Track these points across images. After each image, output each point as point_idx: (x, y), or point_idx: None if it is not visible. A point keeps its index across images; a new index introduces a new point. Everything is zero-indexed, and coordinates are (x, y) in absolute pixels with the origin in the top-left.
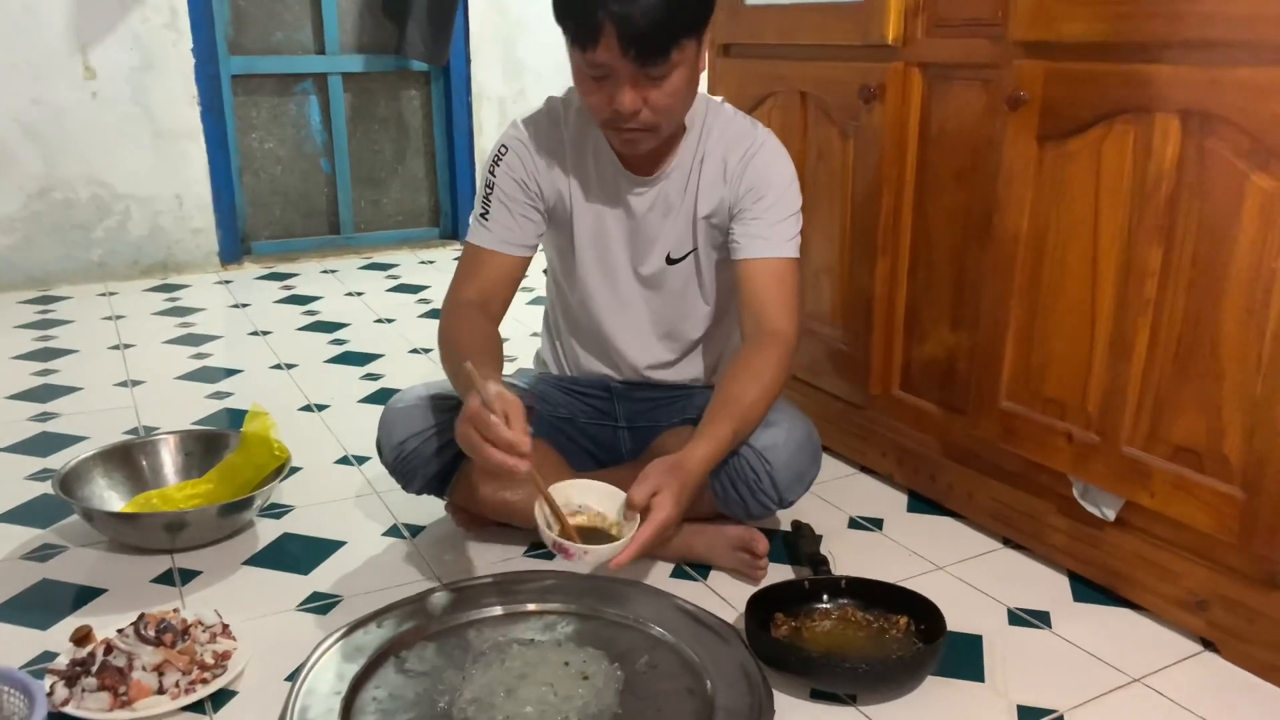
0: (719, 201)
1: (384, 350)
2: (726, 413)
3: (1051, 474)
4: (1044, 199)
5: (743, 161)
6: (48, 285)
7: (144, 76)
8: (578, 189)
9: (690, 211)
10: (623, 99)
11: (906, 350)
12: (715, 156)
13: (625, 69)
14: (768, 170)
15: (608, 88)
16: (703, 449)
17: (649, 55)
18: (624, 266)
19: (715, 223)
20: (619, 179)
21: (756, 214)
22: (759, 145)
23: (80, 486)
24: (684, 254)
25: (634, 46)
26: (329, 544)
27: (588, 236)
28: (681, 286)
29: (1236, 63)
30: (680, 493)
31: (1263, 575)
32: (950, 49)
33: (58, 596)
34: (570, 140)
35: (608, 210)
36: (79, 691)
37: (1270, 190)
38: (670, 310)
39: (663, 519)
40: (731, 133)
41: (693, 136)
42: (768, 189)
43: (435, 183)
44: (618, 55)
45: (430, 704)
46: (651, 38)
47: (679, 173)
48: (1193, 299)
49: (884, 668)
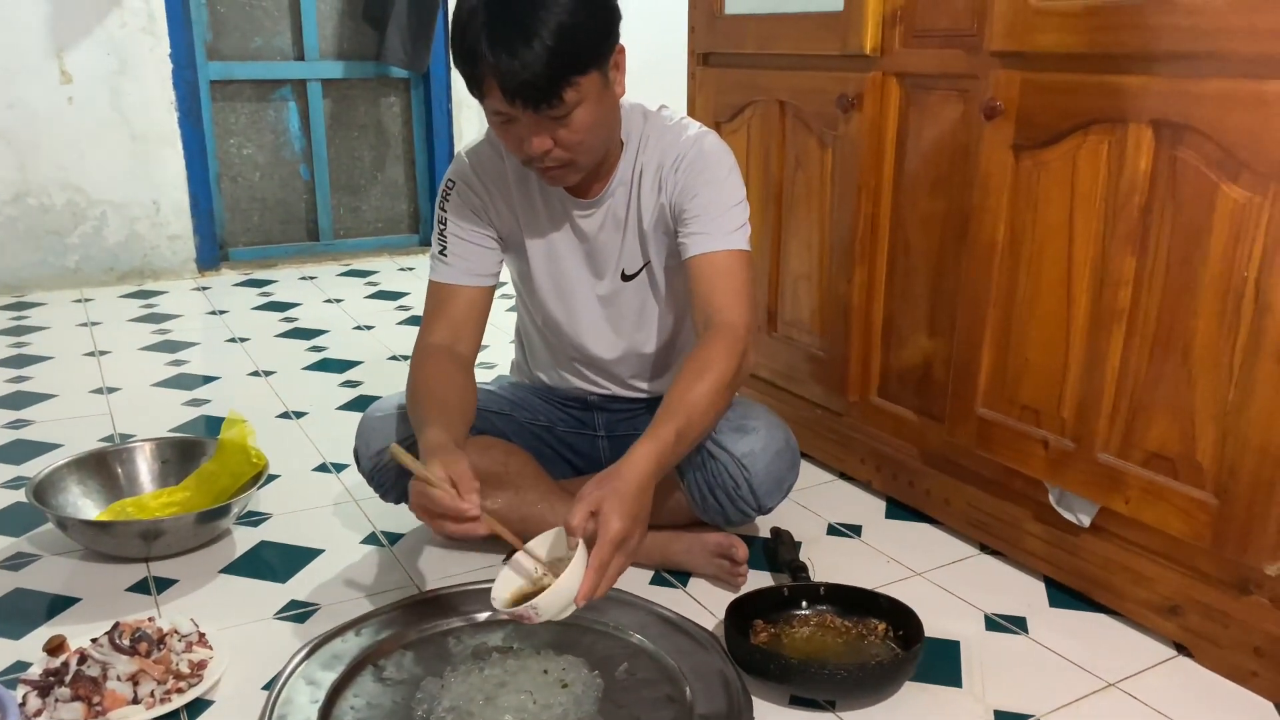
0: (659, 210)
1: (362, 357)
2: (669, 411)
3: (1028, 480)
4: (1020, 208)
5: (674, 165)
6: (22, 291)
7: (121, 81)
8: (527, 217)
9: (636, 225)
10: (530, 143)
11: (884, 357)
12: (652, 166)
13: (523, 115)
14: (700, 167)
15: (514, 131)
16: (642, 449)
17: (538, 102)
18: (582, 288)
19: (662, 232)
20: (565, 203)
21: (695, 211)
22: (690, 145)
23: (54, 494)
24: (637, 269)
25: (519, 96)
26: (307, 552)
27: (543, 262)
28: (640, 302)
29: (1207, 74)
30: (623, 502)
31: (1235, 580)
32: (927, 59)
33: (31, 605)
34: (513, 169)
35: (558, 235)
36: (52, 701)
37: (1241, 200)
38: (631, 325)
39: (613, 535)
40: (666, 139)
41: (631, 150)
42: (702, 185)
43: (415, 189)
44: (507, 106)
45: (408, 712)
46: (535, 86)
47: (622, 189)
48: (1166, 307)
49: (862, 674)
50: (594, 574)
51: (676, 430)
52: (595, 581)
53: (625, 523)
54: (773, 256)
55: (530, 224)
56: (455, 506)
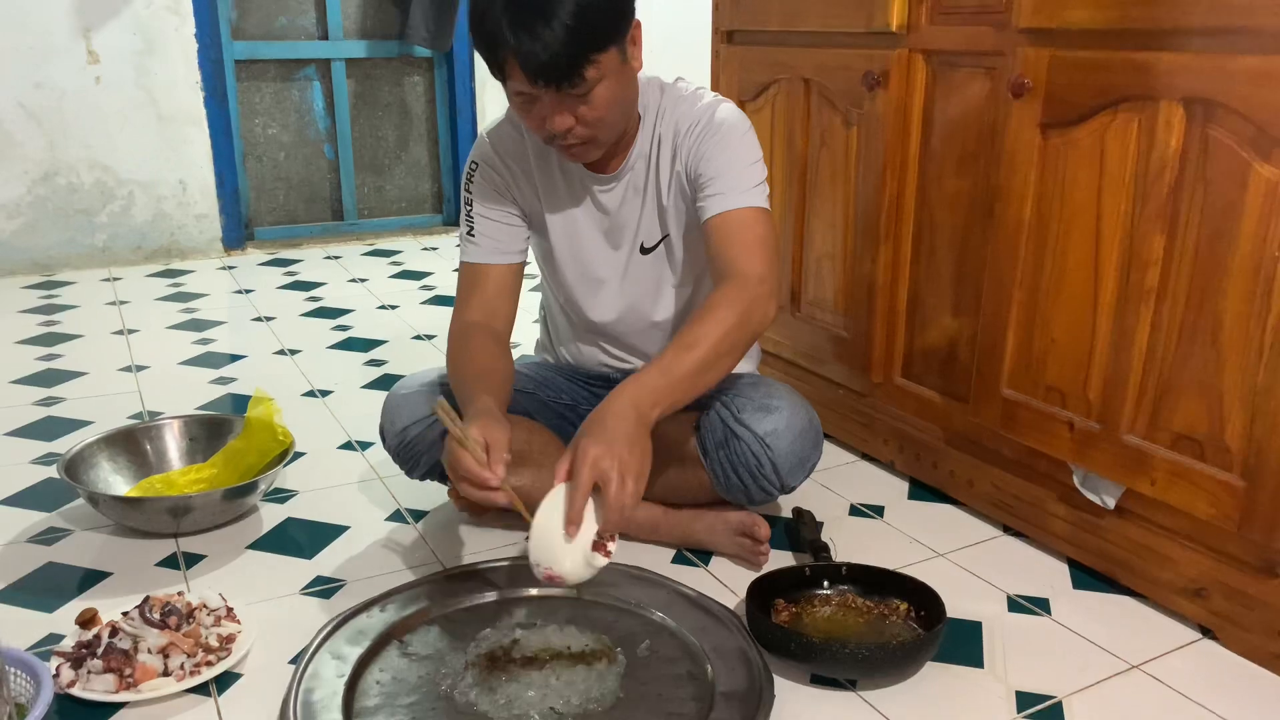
0: (675, 179)
1: (387, 336)
2: (668, 349)
3: (1052, 462)
4: (1047, 187)
5: (689, 133)
6: (51, 270)
7: (147, 61)
8: (548, 194)
9: (655, 197)
10: (552, 122)
11: (908, 337)
12: (668, 137)
13: (545, 94)
14: (714, 131)
15: (536, 110)
16: (632, 382)
17: (559, 81)
18: (602, 262)
19: (681, 201)
20: (585, 180)
21: (711, 174)
22: (704, 112)
23: (85, 471)
24: (656, 242)
25: (541, 76)
26: (332, 528)
27: (564, 239)
28: (658, 274)
29: (1241, 51)
30: (594, 425)
31: (1262, 563)
32: (954, 36)
33: (63, 579)
34: (534, 148)
35: (579, 211)
36: (85, 673)
37: (1273, 179)
38: (651, 299)
39: (587, 456)
40: (681, 109)
41: (648, 122)
42: (717, 149)
43: (438, 169)
44: (530, 86)
45: (433, 686)
46: (556, 66)
47: (641, 162)
48: (1194, 288)
49: (884, 653)
50: (575, 497)
51: (661, 366)
52: (578, 504)
53: (600, 446)
54: (797, 236)
55: (551, 201)
56: (477, 472)
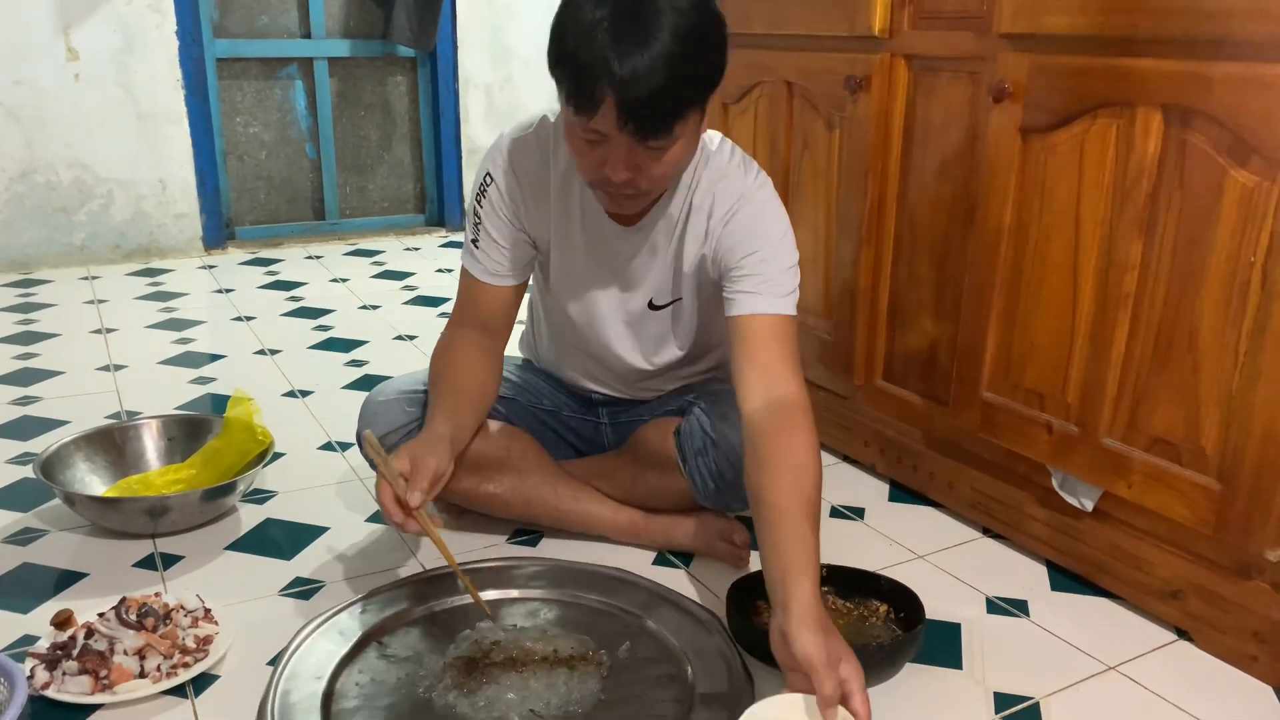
0: (700, 259)
1: (368, 337)
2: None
3: (1031, 464)
4: (1027, 191)
5: (725, 218)
6: (29, 268)
7: (127, 58)
8: (561, 227)
9: (673, 263)
10: (616, 169)
11: (889, 341)
12: (701, 211)
13: (622, 140)
14: (753, 225)
15: (600, 152)
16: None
17: (650, 130)
18: (606, 306)
19: (701, 279)
20: (603, 223)
21: (748, 270)
22: (744, 200)
23: (62, 470)
24: (667, 302)
25: (634, 120)
26: (312, 529)
27: (569, 273)
28: (663, 329)
29: (1218, 58)
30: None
31: (1237, 566)
32: (936, 41)
33: (39, 580)
34: (557, 176)
35: (591, 252)
36: (60, 675)
37: (1249, 185)
38: (651, 347)
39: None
40: (720, 186)
41: (683, 188)
42: (757, 244)
43: (421, 169)
44: (615, 127)
45: (411, 688)
46: (655, 112)
47: (665, 223)
48: (1172, 292)
49: (863, 655)
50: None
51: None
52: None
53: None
54: None
55: (562, 233)
56: (387, 504)
